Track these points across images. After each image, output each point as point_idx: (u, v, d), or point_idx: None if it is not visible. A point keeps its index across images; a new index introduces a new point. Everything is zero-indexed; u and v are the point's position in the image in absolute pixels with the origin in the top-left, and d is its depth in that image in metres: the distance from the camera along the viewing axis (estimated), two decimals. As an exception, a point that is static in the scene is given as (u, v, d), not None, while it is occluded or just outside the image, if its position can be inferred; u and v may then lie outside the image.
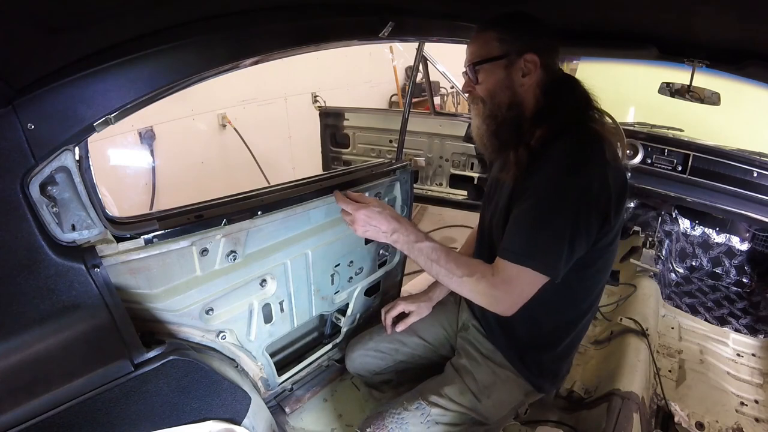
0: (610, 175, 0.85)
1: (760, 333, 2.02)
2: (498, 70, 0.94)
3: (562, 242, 0.84)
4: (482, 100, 0.98)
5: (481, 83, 0.97)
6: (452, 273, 0.93)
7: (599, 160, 0.86)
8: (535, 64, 0.93)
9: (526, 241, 0.87)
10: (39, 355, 0.69)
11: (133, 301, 0.89)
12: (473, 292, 0.92)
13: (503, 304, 0.90)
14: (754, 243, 2.45)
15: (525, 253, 0.86)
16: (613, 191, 0.86)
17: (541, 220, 0.87)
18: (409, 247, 0.98)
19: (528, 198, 0.89)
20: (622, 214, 0.93)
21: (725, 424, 1.48)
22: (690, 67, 1.34)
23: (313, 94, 3.58)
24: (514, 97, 0.95)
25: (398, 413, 1.04)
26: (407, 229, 0.99)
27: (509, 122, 0.97)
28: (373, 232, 1.00)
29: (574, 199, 0.84)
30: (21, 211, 0.63)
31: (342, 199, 1.04)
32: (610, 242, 0.94)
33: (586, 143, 0.88)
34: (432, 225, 3.50)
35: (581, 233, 0.85)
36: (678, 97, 1.68)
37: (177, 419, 0.89)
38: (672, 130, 2.34)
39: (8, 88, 0.56)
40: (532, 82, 0.95)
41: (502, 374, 1.08)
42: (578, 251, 0.88)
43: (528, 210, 0.89)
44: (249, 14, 0.78)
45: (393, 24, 1.02)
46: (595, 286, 1.03)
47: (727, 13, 0.86)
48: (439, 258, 0.95)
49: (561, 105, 0.93)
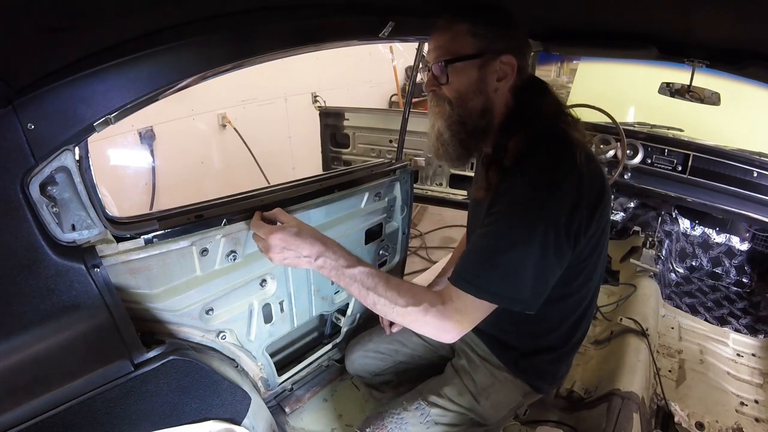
0: (584, 189, 0.78)
1: (760, 333, 2.02)
2: (471, 70, 0.84)
3: (528, 270, 0.76)
4: (449, 102, 0.88)
5: (450, 83, 0.86)
6: (393, 303, 0.82)
7: (572, 177, 0.78)
8: (512, 68, 0.85)
9: (485, 269, 0.78)
10: (39, 355, 0.69)
11: (133, 301, 0.89)
12: (418, 322, 0.83)
13: (451, 334, 0.82)
14: (754, 243, 2.45)
15: (483, 283, 0.78)
16: (586, 206, 0.79)
17: (504, 245, 0.78)
18: (338, 274, 0.85)
19: (492, 221, 0.81)
20: (604, 217, 0.85)
21: (725, 424, 1.48)
22: (690, 67, 1.34)
23: (313, 94, 3.58)
24: (486, 102, 0.87)
25: (398, 413, 1.04)
26: (335, 252, 0.86)
27: (479, 131, 0.88)
28: (293, 259, 0.85)
29: (542, 229, 0.76)
30: (21, 211, 0.63)
31: (255, 223, 0.92)
32: (592, 250, 0.87)
33: (558, 157, 0.80)
34: (432, 225, 3.50)
35: (551, 258, 0.78)
36: (678, 97, 1.69)
37: (177, 419, 0.89)
38: (672, 130, 2.34)
39: (8, 88, 0.56)
40: (506, 87, 0.87)
41: (499, 376, 1.07)
42: (551, 277, 0.80)
43: (489, 233, 0.80)
44: (249, 14, 0.78)
45: (393, 24, 1.01)
46: (590, 289, 0.98)
47: (727, 13, 0.86)
48: (376, 285, 0.83)
49: (533, 113, 0.86)
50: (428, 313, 0.81)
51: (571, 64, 4.39)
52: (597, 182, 0.82)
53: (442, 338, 0.83)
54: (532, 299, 0.79)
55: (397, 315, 0.83)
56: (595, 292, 1.02)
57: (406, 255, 1.67)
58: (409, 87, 1.68)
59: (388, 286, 0.83)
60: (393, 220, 1.52)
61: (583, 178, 0.78)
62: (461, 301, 0.80)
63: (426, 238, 3.32)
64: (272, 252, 0.85)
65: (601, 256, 0.93)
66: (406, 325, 0.86)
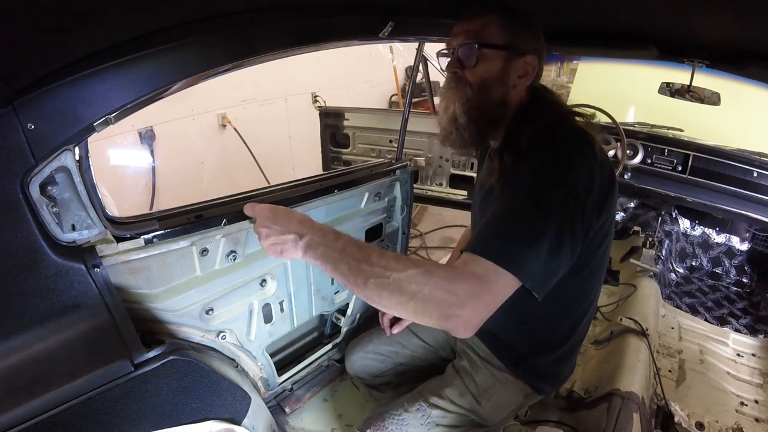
0: (597, 174, 0.78)
1: (760, 333, 2.02)
2: (498, 60, 0.86)
3: (545, 242, 0.71)
4: (471, 86, 0.87)
5: (476, 68, 0.86)
6: (389, 270, 0.68)
7: (588, 159, 0.79)
8: (533, 68, 0.88)
9: (504, 235, 0.72)
10: (39, 355, 0.69)
11: (133, 301, 0.89)
12: (421, 294, 0.66)
13: (465, 310, 0.65)
14: (754, 243, 2.45)
15: (502, 248, 0.70)
16: (599, 190, 0.78)
17: (525, 211, 0.74)
18: (326, 252, 0.75)
19: (510, 194, 0.79)
20: (612, 210, 0.86)
21: (725, 424, 1.48)
22: (690, 67, 1.33)
23: (313, 94, 3.59)
24: (505, 95, 0.88)
25: (398, 414, 1.04)
26: (323, 229, 0.80)
27: (495, 120, 0.90)
28: (278, 235, 0.79)
29: (559, 201, 0.74)
30: (21, 211, 0.63)
31: (249, 208, 0.88)
32: (600, 241, 0.86)
33: (573, 143, 0.81)
34: (432, 225, 3.49)
35: (565, 240, 0.73)
36: (678, 97, 1.68)
37: (177, 419, 0.89)
38: (672, 130, 2.34)
39: (8, 88, 0.56)
40: (524, 86, 0.89)
41: (500, 377, 1.07)
42: (564, 259, 0.75)
43: (508, 205, 0.77)
44: (249, 14, 0.78)
45: (393, 24, 1.01)
46: (591, 288, 0.97)
47: (727, 13, 0.86)
48: (369, 256, 0.72)
49: (544, 108, 0.88)
50: (433, 275, 0.67)
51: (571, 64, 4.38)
52: (609, 171, 0.84)
53: (451, 319, 0.65)
54: (543, 278, 0.72)
55: (393, 286, 0.67)
56: (596, 293, 1.01)
57: (406, 255, 1.68)
58: (409, 87, 1.68)
59: (382, 255, 0.72)
60: (393, 220, 1.52)
61: (599, 161, 0.79)
62: (477, 264, 0.69)
63: (426, 238, 3.32)
64: (260, 225, 0.81)
65: (606, 251, 0.93)
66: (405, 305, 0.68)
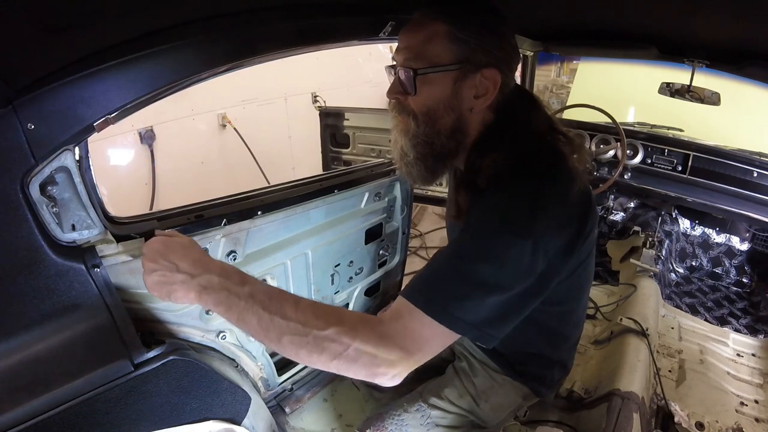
0: (567, 211, 0.68)
1: (760, 333, 2.02)
2: (445, 82, 0.70)
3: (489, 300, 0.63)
4: (414, 117, 0.74)
5: (418, 95, 0.72)
6: (308, 326, 0.60)
7: (558, 196, 0.67)
8: (494, 84, 0.71)
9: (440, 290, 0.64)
10: (39, 355, 0.69)
11: (133, 301, 0.89)
12: (344, 353, 0.60)
13: (392, 367, 0.60)
14: (754, 243, 2.45)
15: (436, 298, 0.62)
16: (569, 230, 0.68)
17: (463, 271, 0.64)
18: (229, 297, 0.63)
19: (458, 237, 0.69)
20: (591, 235, 0.74)
21: (725, 424, 1.48)
22: (690, 67, 1.34)
23: (313, 94, 3.58)
24: (458, 122, 0.73)
25: (398, 414, 1.04)
26: (226, 270, 0.67)
27: (447, 153, 0.75)
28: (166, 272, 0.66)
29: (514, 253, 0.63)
30: (21, 211, 0.63)
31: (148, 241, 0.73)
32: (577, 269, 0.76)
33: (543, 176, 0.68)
34: (432, 225, 3.49)
35: (518, 294, 0.65)
36: (678, 97, 1.69)
37: (177, 419, 0.89)
38: (672, 130, 2.34)
39: (8, 88, 0.56)
40: (483, 106, 0.73)
41: (498, 379, 1.06)
42: (516, 311, 0.67)
43: (453, 249, 0.68)
44: (248, 14, 0.78)
45: (393, 24, 1.01)
46: (573, 312, 0.91)
47: (727, 13, 0.86)
48: (282, 306, 0.62)
49: (519, 130, 0.73)
50: (358, 334, 0.59)
51: (571, 64, 4.39)
52: (584, 198, 0.72)
53: (379, 374, 0.60)
54: (488, 328, 0.65)
55: (313, 345, 0.59)
56: (584, 306, 0.97)
57: (406, 255, 1.67)
58: (409, 87, 1.68)
59: (298, 307, 0.62)
60: (393, 220, 1.52)
61: (573, 193, 0.68)
62: (410, 317, 0.62)
63: (426, 238, 3.32)
64: (146, 259, 0.67)
65: (588, 269, 0.84)
66: (327, 367, 0.61)
